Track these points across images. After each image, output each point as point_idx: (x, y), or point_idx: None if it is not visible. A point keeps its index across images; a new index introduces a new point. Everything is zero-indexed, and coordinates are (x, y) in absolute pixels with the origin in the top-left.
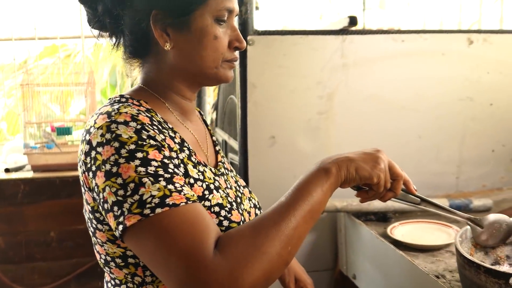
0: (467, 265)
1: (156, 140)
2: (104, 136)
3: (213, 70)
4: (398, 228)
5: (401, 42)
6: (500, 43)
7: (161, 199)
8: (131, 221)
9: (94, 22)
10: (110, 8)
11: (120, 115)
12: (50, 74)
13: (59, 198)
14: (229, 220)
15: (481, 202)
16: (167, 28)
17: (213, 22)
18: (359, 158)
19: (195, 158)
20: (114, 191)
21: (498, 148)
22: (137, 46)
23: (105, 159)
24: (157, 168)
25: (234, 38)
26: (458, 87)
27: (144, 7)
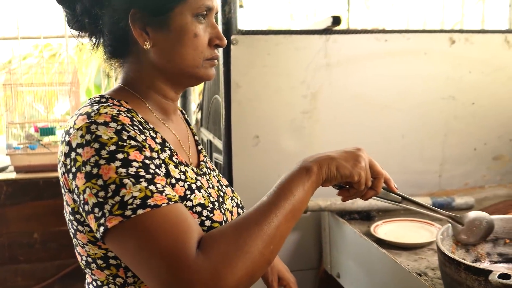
0: (447, 263)
1: (137, 141)
2: (84, 137)
3: (193, 69)
4: (382, 226)
5: (384, 42)
6: (481, 42)
7: (143, 200)
8: (112, 223)
9: (73, 23)
10: (89, 8)
11: (100, 115)
12: (34, 74)
13: (43, 199)
14: (211, 220)
15: (463, 200)
16: (146, 27)
17: (193, 20)
18: (340, 157)
19: (177, 158)
20: (95, 193)
21: (480, 147)
22: (117, 45)
23: (85, 160)
24: (138, 169)
25: (214, 35)
26: (441, 86)
27: (122, 6)
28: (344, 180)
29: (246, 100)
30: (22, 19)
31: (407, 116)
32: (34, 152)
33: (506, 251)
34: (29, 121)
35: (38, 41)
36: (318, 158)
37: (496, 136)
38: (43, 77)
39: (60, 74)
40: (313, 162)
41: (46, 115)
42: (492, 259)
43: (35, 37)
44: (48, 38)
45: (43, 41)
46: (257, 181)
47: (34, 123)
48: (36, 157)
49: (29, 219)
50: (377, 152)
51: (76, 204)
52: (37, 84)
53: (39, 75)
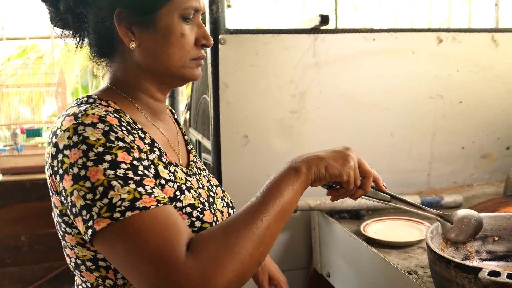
0: (437, 261)
1: (125, 142)
2: (71, 139)
3: (180, 70)
4: (371, 225)
5: (372, 41)
6: (468, 41)
7: (131, 202)
8: (100, 225)
9: (57, 21)
10: (73, 6)
11: (87, 116)
12: (21, 75)
13: (30, 201)
14: (201, 221)
15: (452, 198)
16: (132, 26)
17: (179, 20)
18: (328, 156)
19: (166, 159)
20: (83, 195)
21: (468, 145)
22: (102, 45)
23: (72, 162)
24: (126, 171)
25: (201, 35)
26: (429, 85)
27: (108, 5)
28: (333, 180)
29: (234, 100)
30: (7, 20)
31: (395, 115)
32: (21, 154)
33: (495, 249)
34: (15, 123)
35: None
36: (307, 158)
37: (484, 135)
38: (29, 78)
39: (46, 75)
40: (302, 162)
41: (32, 117)
42: (481, 257)
43: (20, 37)
44: (34, 39)
45: (29, 42)
46: (247, 180)
47: (20, 125)
48: (23, 159)
49: (16, 221)
50: (366, 151)
51: (63, 206)
52: (23, 86)
53: (25, 76)
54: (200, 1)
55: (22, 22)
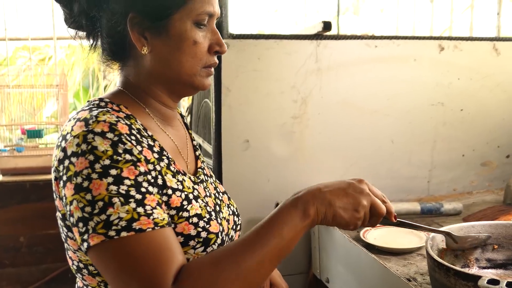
0: (437, 268)
1: (132, 154)
2: (80, 146)
3: (190, 78)
4: (371, 231)
5: (374, 48)
6: (470, 50)
7: (128, 223)
8: (94, 241)
9: (70, 22)
10: (86, 9)
11: (98, 123)
12: (25, 76)
13: (29, 202)
14: (207, 231)
15: (451, 206)
16: (144, 31)
17: (193, 26)
18: (340, 204)
19: (174, 167)
20: (81, 207)
21: (468, 153)
22: (115, 49)
23: (77, 171)
24: (129, 188)
25: (215, 42)
26: (430, 93)
27: (121, 10)
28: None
29: (236, 104)
30: (10, 20)
31: (396, 121)
32: (21, 154)
33: (494, 257)
34: (16, 123)
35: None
36: (317, 199)
37: (484, 142)
38: (32, 79)
39: (48, 76)
40: (311, 205)
41: (34, 118)
42: (480, 265)
43: (23, 38)
44: (36, 39)
45: (31, 42)
46: (247, 185)
47: (21, 126)
48: (23, 160)
49: (15, 222)
50: (366, 157)
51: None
52: (25, 86)
53: (29, 77)
54: (214, 6)
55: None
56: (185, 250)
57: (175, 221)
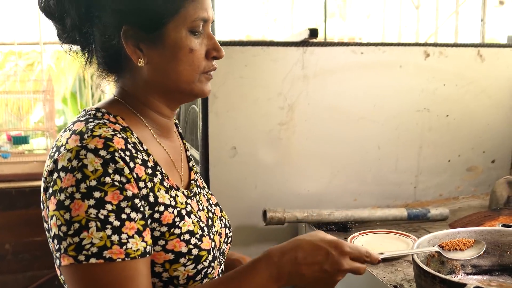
0: (423, 275)
1: (122, 175)
2: (70, 162)
3: (189, 85)
4: (358, 238)
5: (360, 54)
6: (455, 56)
7: (99, 250)
8: (64, 261)
9: (64, 38)
10: (78, 24)
11: (92, 139)
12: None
13: (15, 209)
14: (199, 248)
15: (438, 211)
16: (139, 43)
17: (188, 33)
18: (312, 280)
19: (168, 183)
20: (59, 224)
21: (454, 158)
22: (110, 62)
23: (63, 187)
24: (109, 213)
25: (211, 47)
26: (416, 99)
27: (114, 23)
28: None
29: (223, 111)
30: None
31: (382, 127)
32: (6, 161)
33: (480, 263)
34: (2, 129)
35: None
36: (292, 268)
37: (470, 148)
38: (18, 85)
39: (35, 82)
40: (285, 273)
41: (19, 123)
42: (466, 271)
43: (8, 43)
44: (23, 44)
45: (17, 47)
46: (234, 192)
47: (7, 132)
48: (9, 166)
49: (1, 229)
50: (353, 164)
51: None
52: (11, 92)
53: (16, 83)
54: (208, 10)
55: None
56: (175, 267)
57: (166, 237)
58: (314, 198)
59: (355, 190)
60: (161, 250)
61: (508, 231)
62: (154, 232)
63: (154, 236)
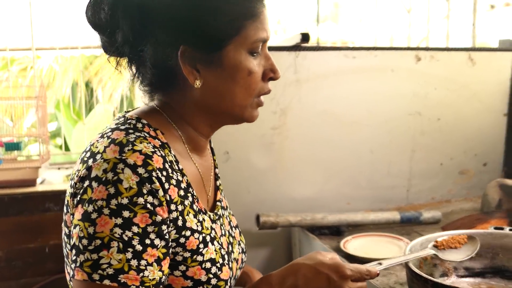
0: (415, 279)
1: (156, 197)
2: (106, 173)
3: (240, 110)
4: (351, 241)
5: (353, 59)
6: (446, 60)
7: (116, 272)
8: (78, 276)
9: (112, 51)
10: (132, 40)
11: (133, 153)
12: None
13: (8, 216)
14: (217, 278)
15: (430, 214)
16: (196, 63)
17: (247, 55)
18: None
19: (197, 206)
20: (81, 236)
21: (446, 162)
22: (160, 80)
23: (92, 198)
24: (134, 236)
25: (269, 68)
26: (407, 103)
27: (171, 42)
28: None
29: None
30: None
31: (375, 131)
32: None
33: (472, 266)
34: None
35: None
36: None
37: (462, 151)
38: (11, 90)
39: (27, 88)
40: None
41: (11, 129)
42: (458, 274)
43: (1, 49)
44: (15, 50)
45: (9, 53)
46: (228, 197)
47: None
48: (1, 173)
49: None
50: (346, 168)
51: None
52: (3, 98)
53: (9, 88)
54: (267, 31)
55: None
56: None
57: (188, 263)
58: (307, 202)
59: (348, 194)
60: (180, 276)
61: (500, 234)
62: (177, 256)
63: (176, 260)
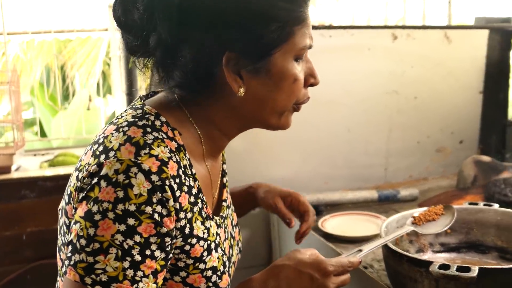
0: (391, 255)
1: (165, 207)
2: (117, 174)
3: (277, 117)
4: (329, 221)
5: (329, 38)
6: (422, 38)
7: (109, 280)
8: (70, 276)
9: (140, 53)
10: (169, 44)
11: (149, 158)
12: None
13: None
14: (216, 287)
15: (408, 192)
16: (240, 70)
17: (293, 62)
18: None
19: (205, 212)
20: (80, 235)
21: (423, 140)
22: (196, 85)
23: (99, 198)
24: (135, 245)
25: (309, 72)
26: (384, 81)
27: (215, 48)
28: None
29: None
30: None
31: (352, 111)
32: None
33: (448, 241)
34: None
35: None
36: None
37: (438, 129)
38: None
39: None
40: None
41: None
42: (434, 249)
43: None
44: None
45: None
46: None
47: None
48: None
49: None
50: (323, 147)
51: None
52: None
53: None
54: (312, 36)
55: None
56: None
57: (189, 270)
58: (285, 183)
59: (326, 174)
60: (180, 282)
61: (474, 209)
62: (179, 262)
63: (178, 266)
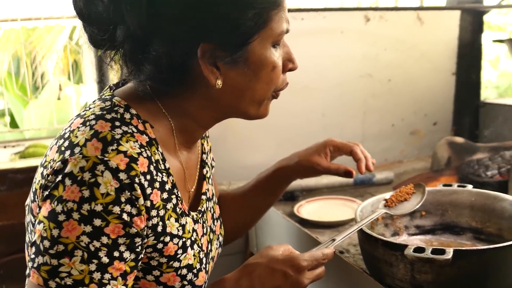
0: (366, 239)
1: (135, 205)
2: (83, 173)
3: (255, 106)
4: (305, 206)
5: (301, 21)
6: (395, 20)
7: (74, 284)
8: (33, 278)
9: (106, 46)
10: (139, 36)
11: (117, 154)
12: None
13: None
14: (192, 285)
15: (383, 175)
16: (217, 62)
17: (271, 48)
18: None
19: (180, 208)
20: (43, 236)
21: (397, 123)
22: (169, 78)
23: (63, 197)
24: (101, 247)
25: (287, 57)
26: (358, 65)
27: (189, 40)
28: None
29: None
30: None
31: (326, 95)
32: None
33: (423, 223)
34: None
35: None
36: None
37: (412, 112)
38: None
39: None
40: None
41: None
42: (409, 232)
43: None
44: None
45: None
46: None
47: None
48: None
49: None
50: (298, 133)
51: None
52: None
53: None
54: (288, 20)
55: None
56: None
57: (162, 269)
58: (260, 169)
59: None
60: (153, 281)
61: (448, 190)
62: (152, 261)
63: (151, 264)
